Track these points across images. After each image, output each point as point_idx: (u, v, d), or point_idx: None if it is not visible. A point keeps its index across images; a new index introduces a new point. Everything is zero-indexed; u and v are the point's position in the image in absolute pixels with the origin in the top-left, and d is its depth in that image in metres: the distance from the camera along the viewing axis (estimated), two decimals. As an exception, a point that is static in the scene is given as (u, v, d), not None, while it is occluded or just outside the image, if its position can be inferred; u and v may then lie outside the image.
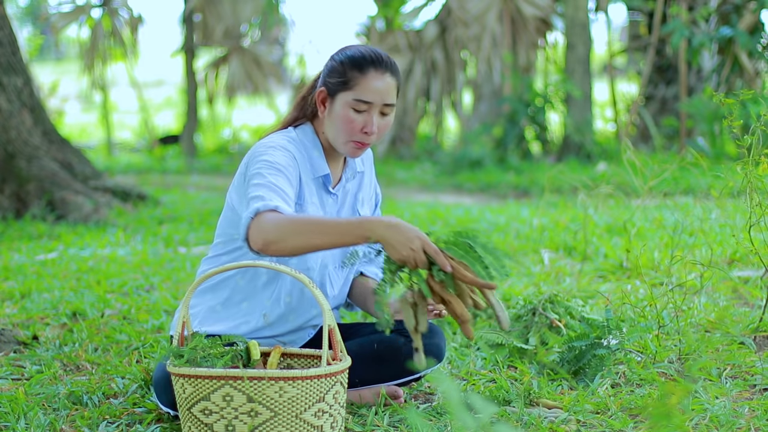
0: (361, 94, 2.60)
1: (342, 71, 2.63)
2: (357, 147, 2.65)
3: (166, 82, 24.46)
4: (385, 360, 2.71)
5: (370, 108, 2.61)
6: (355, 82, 2.61)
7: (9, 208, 6.63)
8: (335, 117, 2.64)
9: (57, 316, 3.82)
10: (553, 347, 3.13)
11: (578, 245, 4.92)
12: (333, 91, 2.64)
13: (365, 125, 2.61)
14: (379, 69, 2.62)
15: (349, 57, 2.64)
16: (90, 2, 13.05)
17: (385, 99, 2.62)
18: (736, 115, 3.13)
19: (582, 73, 10.96)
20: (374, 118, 2.62)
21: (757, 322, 3.26)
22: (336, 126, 2.64)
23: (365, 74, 2.61)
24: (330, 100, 2.65)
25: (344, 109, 2.62)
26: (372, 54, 2.63)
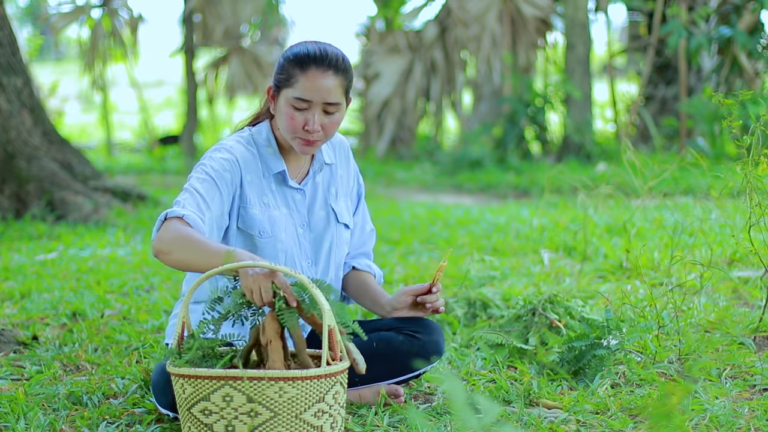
0: (301, 92, 2.59)
1: (286, 67, 2.63)
2: (304, 144, 2.64)
3: (166, 83, 24.46)
4: (384, 358, 2.71)
5: (311, 106, 2.60)
6: (295, 79, 2.60)
7: (9, 209, 6.63)
8: (279, 113, 2.65)
9: (57, 316, 3.82)
10: (553, 347, 3.13)
11: (578, 245, 4.92)
12: (277, 87, 2.65)
13: (306, 123, 2.61)
14: (321, 67, 2.60)
15: (293, 53, 2.63)
16: (90, 2, 13.05)
17: (325, 98, 2.60)
18: (735, 115, 3.13)
19: (582, 73, 10.96)
20: (316, 117, 2.60)
21: (757, 322, 3.26)
22: (280, 123, 2.65)
23: (305, 72, 2.59)
24: (276, 96, 2.66)
25: (286, 106, 2.62)
26: (317, 51, 2.61)
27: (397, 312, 2.79)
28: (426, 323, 2.77)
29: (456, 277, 4.34)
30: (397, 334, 2.74)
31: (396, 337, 2.73)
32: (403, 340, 2.72)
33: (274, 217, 2.68)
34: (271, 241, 2.67)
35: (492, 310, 3.70)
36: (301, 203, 2.75)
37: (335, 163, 2.84)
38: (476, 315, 3.69)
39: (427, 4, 12.51)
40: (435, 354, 2.76)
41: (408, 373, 2.75)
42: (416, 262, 4.93)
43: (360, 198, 2.94)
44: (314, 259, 2.77)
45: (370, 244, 2.97)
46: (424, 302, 2.75)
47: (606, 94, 14.01)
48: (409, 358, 2.71)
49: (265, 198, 2.68)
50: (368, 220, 2.97)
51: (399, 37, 12.57)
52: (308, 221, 2.76)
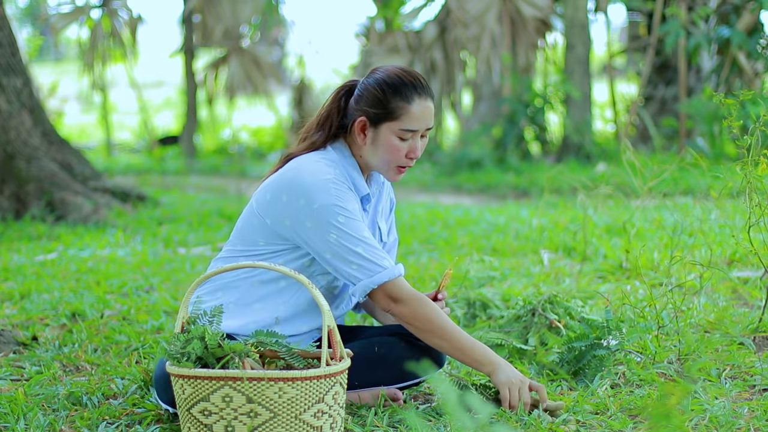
0: (408, 124, 2.64)
1: (384, 101, 2.64)
2: (399, 172, 2.70)
3: (165, 83, 24.46)
4: (386, 363, 2.70)
5: (415, 134, 2.66)
6: (400, 112, 2.63)
7: (8, 209, 6.63)
8: (381, 145, 2.65)
9: (56, 316, 3.82)
10: (553, 348, 3.13)
11: (578, 246, 4.92)
12: (376, 120, 2.65)
13: (411, 151, 2.66)
14: (422, 95, 2.65)
15: (389, 85, 2.64)
16: (89, 3, 13.05)
17: (428, 124, 2.68)
18: (735, 115, 3.13)
19: (581, 73, 10.96)
20: (418, 143, 2.67)
21: (757, 322, 3.26)
22: (381, 154, 2.66)
23: (410, 103, 2.63)
24: (372, 129, 2.66)
25: (390, 138, 2.64)
26: (412, 80, 2.65)
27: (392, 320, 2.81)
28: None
29: (455, 278, 4.34)
30: (399, 340, 2.74)
31: (398, 343, 2.73)
32: (405, 346, 2.72)
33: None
34: None
35: (492, 310, 3.70)
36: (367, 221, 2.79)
37: (383, 182, 2.87)
38: (476, 315, 3.69)
39: (427, 4, 12.51)
40: (437, 361, 2.76)
41: (409, 380, 2.75)
42: (416, 262, 4.93)
43: (392, 210, 2.97)
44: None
45: (393, 254, 2.98)
46: None
47: (605, 94, 14.02)
48: (410, 366, 2.71)
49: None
50: (394, 230, 2.99)
51: (399, 38, 12.57)
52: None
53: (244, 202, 7.68)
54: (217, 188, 9.84)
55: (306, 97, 14.86)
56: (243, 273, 2.66)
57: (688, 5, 10.65)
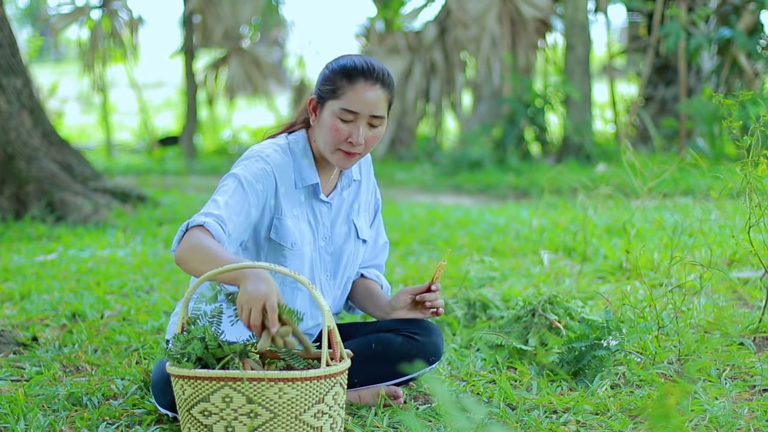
0: (348, 104, 2.60)
1: (332, 79, 2.63)
2: (344, 157, 2.64)
3: (165, 84, 24.45)
4: (383, 359, 2.71)
5: (357, 118, 2.61)
6: (343, 91, 2.61)
7: (8, 210, 6.63)
8: (323, 125, 2.64)
9: (56, 317, 3.82)
10: (553, 348, 3.13)
11: (578, 246, 4.92)
12: (322, 99, 2.65)
13: (351, 135, 2.61)
14: (369, 80, 2.61)
15: (340, 66, 2.63)
16: (89, 3, 13.04)
17: (372, 110, 2.61)
18: (735, 116, 3.13)
19: (581, 74, 10.96)
20: (361, 129, 2.61)
21: (757, 323, 3.26)
22: (323, 134, 2.64)
23: (354, 84, 2.60)
24: (320, 108, 2.66)
25: (331, 117, 2.62)
26: (364, 64, 2.62)
27: (396, 313, 2.79)
28: (425, 324, 2.77)
29: (456, 278, 4.34)
30: (396, 336, 2.74)
31: (395, 339, 2.73)
32: (402, 342, 2.72)
33: (303, 229, 2.69)
34: (299, 254, 2.68)
35: (492, 310, 3.70)
36: (327, 216, 2.76)
37: (361, 180, 2.85)
38: (476, 316, 3.69)
39: (427, 5, 12.51)
40: (434, 356, 2.76)
41: (405, 375, 2.75)
42: (416, 262, 4.93)
43: (377, 211, 2.95)
44: (333, 272, 2.79)
45: (383, 257, 2.98)
46: (423, 300, 2.76)
47: (606, 94, 14.01)
48: (407, 360, 2.70)
49: (295, 210, 2.69)
50: (382, 233, 2.98)
51: (398, 38, 12.56)
52: (330, 234, 2.77)
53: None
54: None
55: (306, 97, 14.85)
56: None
57: (688, 6, 10.65)
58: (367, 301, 2.88)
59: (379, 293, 2.88)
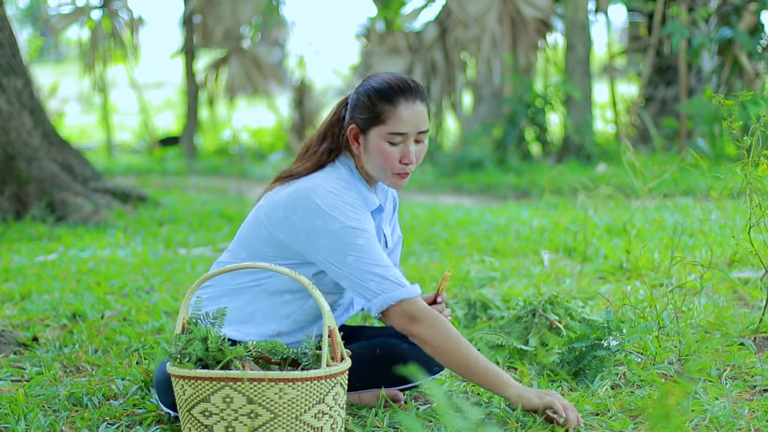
0: (395, 127, 2.59)
1: (371, 106, 2.61)
2: (399, 177, 2.64)
3: (166, 84, 24.46)
4: (386, 365, 2.70)
5: (406, 138, 2.60)
6: (386, 115, 2.59)
7: (9, 210, 6.63)
8: (372, 152, 2.62)
9: (57, 317, 3.82)
10: (553, 348, 3.13)
11: (578, 246, 4.92)
12: (364, 126, 2.62)
13: (403, 156, 2.61)
14: (409, 98, 2.60)
15: (376, 90, 2.61)
16: (90, 4, 13.05)
17: (419, 127, 2.61)
18: (735, 116, 3.13)
19: (582, 74, 10.96)
20: (411, 147, 2.61)
21: (757, 323, 3.26)
22: (374, 161, 2.63)
23: (396, 106, 2.59)
24: (363, 136, 2.63)
25: (379, 143, 2.60)
26: (399, 83, 2.61)
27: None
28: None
29: (456, 278, 4.34)
30: (401, 342, 2.73)
31: (400, 344, 2.73)
32: (408, 348, 2.72)
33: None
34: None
35: (492, 311, 3.70)
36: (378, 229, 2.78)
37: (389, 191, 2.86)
38: (476, 316, 3.69)
39: (427, 5, 12.51)
40: (437, 366, 2.76)
41: (410, 382, 2.74)
42: (416, 263, 4.93)
43: (395, 209, 2.95)
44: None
45: (398, 252, 2.97)
46: None
47: (606, 95, 14.01)
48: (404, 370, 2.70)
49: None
50: (398, 227, 2.97)
51: (399, 38, 12.56)
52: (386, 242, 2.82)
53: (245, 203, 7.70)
54: (217, 189, 9.84)
55: (306, 97, 14.86)
56: (249, 281, 2.63)
57: (689, 6, 10.65)
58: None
59: None
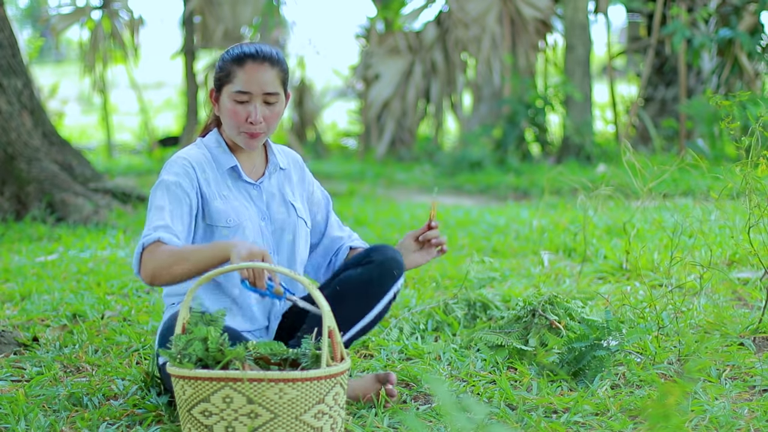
0: (240, 85, 2.73)
1: (223, 66, 2.78)
2: (248, 137, 2.77)
3: (166, 84, 24.45)
4: (353, 295, 2.75)
5: (251, 98, 2.74)
6: (234, 74, 2.75)
7: (9, 210, 6.63)
8: (223, 111, 2.79)
9: (57, 317, 3.82)
10: (553, 348, 3.13)
11: (578, 247, 4.93)
12: (218, 86, 2.80)
13: (248, 115, 2.74)
14: (257, 60, 2.75)
15: (230, 53, 2.79)
16: (90, 4, 13.05)
17: (264, 88, 2.74)
18: (735, 116, 3.14)
19: (582, 74, 10.96)
20: (257, 108, 2.74)
21: (757, 323, 3.27)
22: (225, 120, 2.79)
23: (243, 66, 2.74)
24: (218, 97, 2.80)
25: (228, 102, 2.76)
26: (252, 48, 2.77)
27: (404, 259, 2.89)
28: (377, 247, 2.84)
29: (456, 279, 4.34)
30: (354, 269, 2.80)
31: (354, 272, 2.79)
32: (362, 271, 2.77)
33: (237, 207, 2.78)
34: (239, 230, 2.76)
35: (492, 311, 3.70)
36: (259, 198, 2.85)
37: (289, 169, 2.96)
38: (476, 316, 3.69)
39: (427, 5, 12.51)
40: (396, 268, 2.79)
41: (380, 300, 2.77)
42: (416, 263, 4.92)
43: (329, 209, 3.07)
44: (276, 249, 2.85)
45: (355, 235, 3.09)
46: (427, 239, 2.89)
47: (606, 95, 14.01)
48: (374, 286, 2.76)
49: (224, 191, 2.79)
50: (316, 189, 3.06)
51: (399, 39, 12.57)
52: (269, 214, 2.85)
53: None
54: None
55: (306, 97, 14.86)
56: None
57: (689, 6, 10.65)
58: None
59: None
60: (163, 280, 2.54)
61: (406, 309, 3.80)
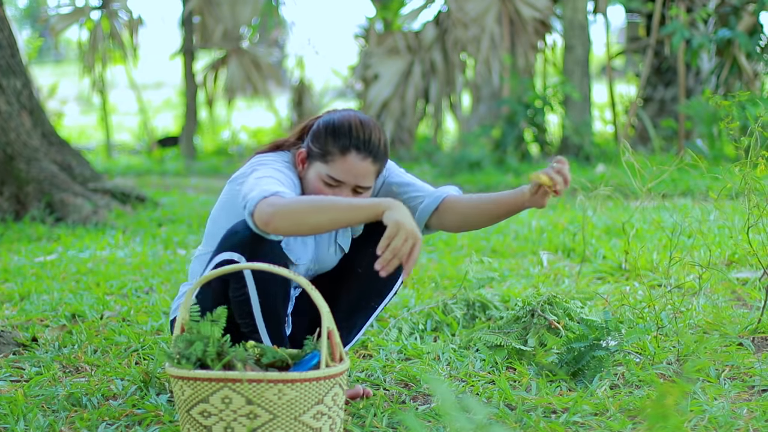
0: (335, 173, 2.58)
1: (323, 142, 2.60)
2: None
3: (165, 84, 24.45)
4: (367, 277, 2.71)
5: (342, 185, 2.60)
6: (332, 158, 2.58)
7: (8, 210, 6.63)
8: (308, 180, 2.63)
9: (56, 317, 3.82)
10: (552, 349, 3.13)
11: (577, 247, 4.93)
12: (310, 156, 2.63)
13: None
14: (361, 153, 2.58)
15: (334, 128, 2.59)
16: (89, 4, 13.05)
17: (359, 182, 2.60)
18: (734, 116, 3.14)
19: (581, 74, 10.97)
20: (344, 195, 2.58)
21: (756, 323, 3.27)
22: (307, 190, 2.64)
23: (345, 156, 2.57)
24: (308, 163, 2.64)
25: (316, 179, 2.61)
26: (359, 132, 2.58)
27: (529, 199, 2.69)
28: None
29: (455, 279, 4.34)
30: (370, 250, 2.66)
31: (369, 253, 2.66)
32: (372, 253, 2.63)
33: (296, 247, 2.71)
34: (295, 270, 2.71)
35: (491, 311, 3.70)
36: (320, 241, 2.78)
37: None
38: (475, 316, 3.69)
39: (426, 5, 12.51)
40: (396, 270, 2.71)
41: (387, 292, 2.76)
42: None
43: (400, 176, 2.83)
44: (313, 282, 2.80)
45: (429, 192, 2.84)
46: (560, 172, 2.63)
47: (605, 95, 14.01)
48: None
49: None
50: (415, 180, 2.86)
51: (398, 39, 12.56)
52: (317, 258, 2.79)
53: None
54: (216, 189, 9.82)
55: (305, 98, 14.86)
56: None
57: (688, 6, 10.66)
58: (481, 207, 2.72)
59: (487, 194, 2.76)
60: (290, 228, 2.36)
61: (405, 309, 3.80)
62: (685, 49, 10.37)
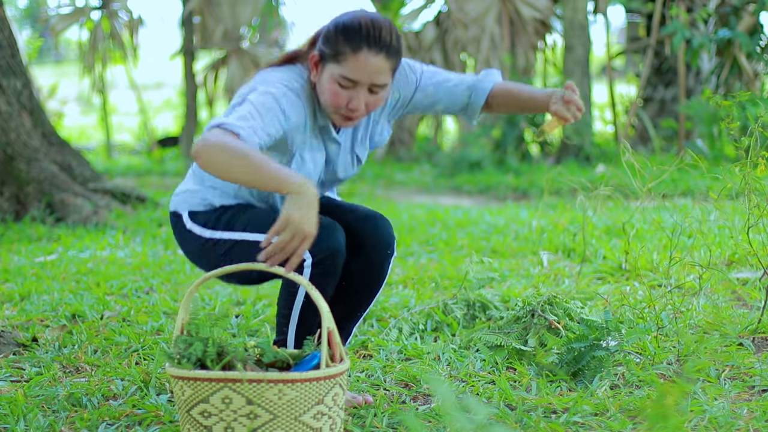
0: (348, 72, 2.54)
1: (334, 42, 2.56)
2: (344, 119, 2.61)
3: (165, 84, 24.46)
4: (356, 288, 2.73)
5: (357, 85, 2.56)
6: (344, 57, 2.54)
7: (8, 210, 6.63)
8: (323, 86, 2.59)
9: (56, 318, 3.82)
10: (552, 349, 3.13)
11: (577, 247, 4.93)
12: (323, 59, 2.59)
13: (350, 101, 2.57)
14: (373, 48, 2.53)
15: (344, 28, 2.56)
16: (89, 4, 13.05)
17: (373, 80, 2.56)
18: (734, 117, 3.14)
19: (581, 74, 10.97)
20: (361, 96, 2.56)
21: (756, 323, 3.27)
22: (323, 95, 2.60)
23: (356, 53, 2.53)
24: (321, 66, 2.60)
25: (330, 82, 2.56)
26: (369, 28, 2.54)
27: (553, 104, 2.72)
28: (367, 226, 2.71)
29: (455, 279, 4.34)
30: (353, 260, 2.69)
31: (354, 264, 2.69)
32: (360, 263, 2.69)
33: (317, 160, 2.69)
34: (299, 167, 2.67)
35: (491, 311, 3.70)
36: (336, 153, 2.75)
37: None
38: (475, 316, 3.69)
39: (427, 5, 12.52)
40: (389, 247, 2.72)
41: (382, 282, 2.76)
42: (415, 263, 4.93)
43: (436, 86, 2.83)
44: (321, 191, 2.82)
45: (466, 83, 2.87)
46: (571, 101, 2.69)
47: (605, 95, 14.02)
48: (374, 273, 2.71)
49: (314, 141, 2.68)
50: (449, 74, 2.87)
51: (398, 39, 12.57)
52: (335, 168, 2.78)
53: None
54: (216, 189, 9.81)
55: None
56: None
57: (688, 6, 10.66)
58: (519, 96, 2.82)
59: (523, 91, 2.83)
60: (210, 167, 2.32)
61: (406, 309, 3.80)
62: (685, 49, 10.38)
